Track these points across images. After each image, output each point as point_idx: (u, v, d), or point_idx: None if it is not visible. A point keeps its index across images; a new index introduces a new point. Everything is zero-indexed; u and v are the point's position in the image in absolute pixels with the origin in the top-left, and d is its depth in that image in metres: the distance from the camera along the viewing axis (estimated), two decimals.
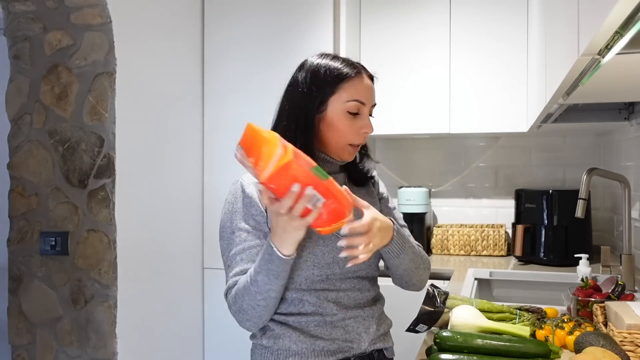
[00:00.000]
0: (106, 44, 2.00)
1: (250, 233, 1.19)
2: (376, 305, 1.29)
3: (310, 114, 1.22)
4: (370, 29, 2.83)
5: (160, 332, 2.28)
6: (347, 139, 1.24)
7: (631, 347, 1.21)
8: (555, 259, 2.52)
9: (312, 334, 1.19)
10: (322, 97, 1.22)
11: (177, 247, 2.43)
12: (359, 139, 1.25)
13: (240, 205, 1.21)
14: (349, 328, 1.21)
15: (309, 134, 1.22)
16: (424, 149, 3.14)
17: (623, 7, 0.76)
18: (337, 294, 1.21)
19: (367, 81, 1.26)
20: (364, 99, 1.23)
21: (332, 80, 1.22)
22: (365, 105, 1.24)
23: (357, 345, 1.22)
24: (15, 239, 2.08)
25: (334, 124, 1.23)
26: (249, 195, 1.21)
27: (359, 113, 1.23)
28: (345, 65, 1.24)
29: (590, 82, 1.26)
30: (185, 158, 2.52)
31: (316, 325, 1.19)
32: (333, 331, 1.20)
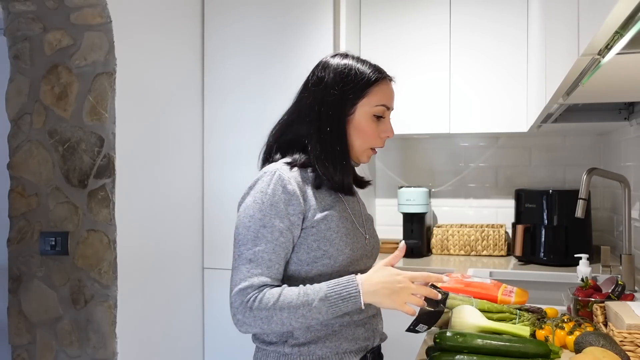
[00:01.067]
0: (106, 44, 2.00)
1: (283, 233, 1.15)
2: None
3: (342, 117, 1.23)
4: (370, 28, 2.83)
5: (160, 332, 2.28)
6: (370, 142, 1.26)
7: (631, 347, 1.21)
8: (555, 259, 2.52)
9: (337, 337, 1.19)
10: (353, 101, 1.23)
11: (177, 247, 2.43)
12: (380, 143, 1.27)
13: (278, 199, 1.15)
14: (367, 326, 1.24)
15: (343, 139, 1.23)
16: (424, 149, 3.14)
17: (623, 7, 0.76)
18: None
19: (391, 85, 1.28)
20: (389, 104, 1.26)
21: (363, 84, 1.23)
22: (389, 110, 1.27)
23: (371, 342, 1.25)
24: (15, 239, 2.08)
25: (360, 127, 1.23)
26: (290, 192, 1.16)
27: (383, 117, 1.26)
28: (373, 69, 1.25)
29: (590, 82, 1.26)
30: (185, 158, 2.52)
31: (341, 326, 1.19)
32: (356, 330, 1.21)
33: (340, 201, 1.25)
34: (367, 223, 1.32)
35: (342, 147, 1.22)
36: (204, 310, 2.65)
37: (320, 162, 1.21)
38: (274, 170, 1.18)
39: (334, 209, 1.21)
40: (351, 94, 1.22)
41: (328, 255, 1.17)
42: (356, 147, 1.25)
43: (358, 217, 1.28)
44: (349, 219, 1.24)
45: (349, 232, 1.21)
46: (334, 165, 1.21)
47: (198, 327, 2.61)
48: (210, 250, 2.65)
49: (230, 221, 2.61)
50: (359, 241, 1.24)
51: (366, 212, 1.36)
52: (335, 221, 1.19)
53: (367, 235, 1.29)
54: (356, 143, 1.25)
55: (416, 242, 2.81)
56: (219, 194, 2.63)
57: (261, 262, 1.13)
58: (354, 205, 1.30)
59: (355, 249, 1.22)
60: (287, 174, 1.18)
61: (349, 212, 1.25)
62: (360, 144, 1.25)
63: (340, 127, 1.22)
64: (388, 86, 1.26)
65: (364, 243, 1.26)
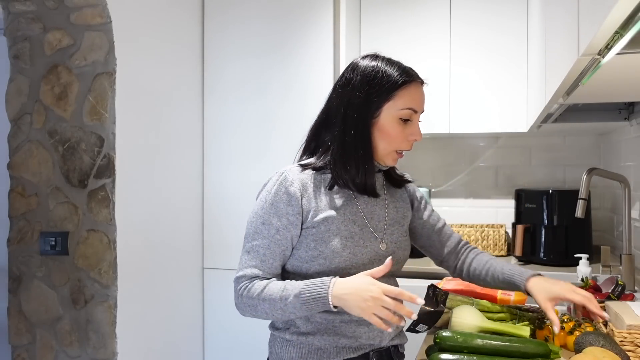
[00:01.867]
0: (106, 44, 2.00)
1: (279, 231, 1.20)
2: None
3: (367, 120, 1.22)
4: (370, 29, 2.83)
5: (160, 332, 2.28)
6: (396, 145, 1.25)
7: (631, 347, 1.21)
8: (555, 259, 2.52)
9: (336, 332, 1.21)
10: (378, 103, 1.22)
11: (177, 247, 2.43)
12: (407, 146, 1.26)
13: (279, 200, 1.20)
14: (372, 326, 1.23)
15: (367, 142, 1.23)
16: (424, 149, 3.14)
17: (623, 7, 0.76)
18: None
19: (420, 88, 1.26)
20: (417, 107, 1.24)
21: (389, 86, 1.21)
22: (417, 113, 1.25)
23: (377, 342, 1.25)
24: (15, 239, 2.08)
25: (385, 130, 1.23)
26: (291, 193, 1.20)
27: (410, 120, 1.24)
28: (401, 72, 1.23)
29: (590, 82, 1.26)
30: (185, 158, 2.52)
31: (341, 322, 1.21)
32: (358, 329, 1.22)
33: (352, 204, 1.25)
34: (392, 228, 1.30)
35: (365, 149, 1.22)
36: (204, 310, 2.65)
37: (341, 164, 1.22)
38: (283, 171, 1.24)
39: (340, 212, 1.21)
40: (376, 97, 1.21)
41: (323, 255, 1.19)
42: (380, 150, 1.25)
43: (376, 221, 1.27)
44: (359, 222, 1.24)
45: (352, 235, 1.21)
46: (356, 168, 1.22)
47: (198, 327, 2.61)
48: (210, 250, 2.65)
49: (230, 221, 2.62)
50: (367, 245, 1.23)
51: (398, 216, 1.34)
52: (337, 224, 1.20)
53: (385, 240, 1.27)
54: (381, 146, 1.24)
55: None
56: (219, 194, 2.63)
57: (255, 255, 1.21)
58: (373, 208, 1.28)
59: (359, 252, 1.21)
60: (293, 176, 1.22)
61: (361, 215, 1.25)
62: (385, 146, 1.24)
63: (364, 129, 1.22)
64: (417, 89, 1.24)
65: (376, 248, 1.25)
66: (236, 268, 1.25)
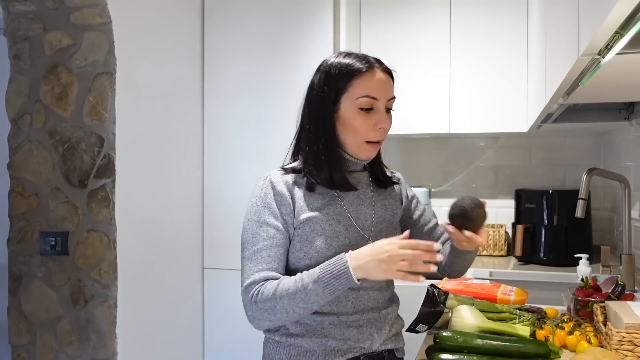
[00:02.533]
0: (106, 44, 2.00)
1: (279, 231, 1.19)
2: (392, 307, 1.30)
3: (327, 114, 1.22)
4: (370, 29, 2.83)
5: (160, 332, 2.28)
6: (363, 136, 1.22)
7: (630, 346, 1.21)
8: (555, 259, 2.52)
9: (325, 334, 1.19)
10: (335, 96, 1.21)
11: (177, 247, 2.43)
12: (375, 135, 1.23)
13: (271, 201, 1.20)
14: (363, 328, 1.21)
15: (328, 136, 1.22)
16: (424, 149, 3.14)
17: (623, 7, 0.76)
18: (357, 292, 1.21)
19: (379, 75, 1.22)
20: (375, 94, 1.21)
21: (343, 77, 1.21)
22: (379, 100, 1.21)
23: (368, 345, 1.22)
24: (15, 239, 2.08)
25: (347, 122, 1.21)
26: (280, 193, 1.20)
27: (372, 108, 1.21)
28: (356, 61, 1.22)
29: (590, 82, 1.26)
30: (185, 158, 2.52)
31: (330, 324, 1.19)
32: (346, 331, 1.20)
33: (335, 204, 1.23)
34: (380, 226, 1.28)
35: (330, 145, 1.22)
36: (203, 310, 2.65)
37: (312, 163, 1.22)
38: (267, 176, 1.24)
39: (323, 212, 1.20)
40: (333, 90, 1.21)
41: (308, 256, 1.19)
42: (349, 143, 1.23)
43: (363, 220, 1.25)
44: (345, 221, 1.22)
45: (337, 235, 1.20)
46: (324, 164, 1.21)
47: (198, 327, 2.61)
48: (210, 250, 2.65)
49: (230, 221, 2.62)
50: (353, 245, 1.20)
51: (387, 214, 1.32)
52: (321, 223, 1.19)
53: (373, 238, 1.24)
54: (348, 139, 1.23)
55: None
56: (219, 194, 2.63)
57: (260, 259, 1.17)
58: (359, 207, 1.26)
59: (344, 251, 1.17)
60: (277, 178, 1.22)
61: (347, 215, 1.23)
62: (352, 139, 1.22)
63: (327, 125, 1.22)
64: (373, 76, 1.21)
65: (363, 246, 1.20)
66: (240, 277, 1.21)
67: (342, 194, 1.25)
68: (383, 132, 1.23)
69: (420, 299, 1.45)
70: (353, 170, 1.29)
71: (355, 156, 1.25)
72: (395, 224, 1.34)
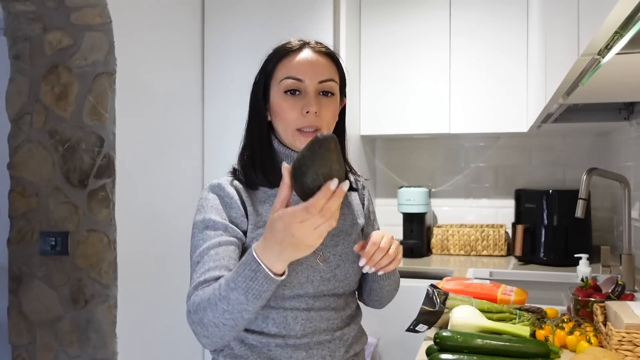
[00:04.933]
0: (106, 44, 2.00)
1: (227, 228, 1.05)
2: (350, 326, 1.15)
3: (261, 107, 1.13)
4: (370, 28, 2.83)
5: (160, 332, 2.28)
6: (291, 123, 1.09)
7: (630, 346, 1.21)
8: (555, 259, 2.52)
9: (271, 357, 1.06)
10: (264, 83, 1.13)
11: (177, 247, 2.43)
12: (304, 122, 1.08)
13: (218, 202, 1.08)
14: (312, 351, 1.07)
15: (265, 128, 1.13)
16: (424, 149, 3.14)
17: (623, 7, 0.76)
18: (308, 313, 1.08)
19: (306, 55, 1.11)
20: (300, 75, 1.08)
21: (271, 61, 1.12)
22: (304, 82, 1.09)
23: None
24: (15, 239, 2.08)
25: (276, 109, 1.10)
26: (230, 195, 1.08)
27: (298, 91, 1.09)
28: (283, 45, 1.13)
29: (590, 82, 1.26)
30: (185, 158, 2.52)
31: (277, 346, 1.06)
32: (294, 354, 1.06)
33: None
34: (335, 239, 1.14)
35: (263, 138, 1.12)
36: None
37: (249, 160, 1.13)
38: (215, 181, 1.13)
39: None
40: (262, 76, 1.13)
41: None
42: (282, 134, 1.11)
43: None
44: None
45: None
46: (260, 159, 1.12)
47: None
48: None
49: None
50: (301, 262, 1.06)
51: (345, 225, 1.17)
52: None
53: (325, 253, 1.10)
54: (280, 129, 1.11)
55: (416, 242, 2.82)
56: None
57: (207, 259, 1.02)
58: None
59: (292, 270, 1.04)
60: (226, 183, 1.11)
61: None
62: (283, 128, 1.10)
63: (260, 117, 1.13)
64: (298, 56, 1.10)
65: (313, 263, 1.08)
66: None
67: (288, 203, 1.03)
68: (315, 117, 1.08)
69: (420, 299, 1.45)
70: None
71: (292, 148, 1.12)
72: (354, 237, 1.18)
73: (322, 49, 1.14)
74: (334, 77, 1.13)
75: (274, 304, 1.07)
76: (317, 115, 1.08)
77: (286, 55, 1.11)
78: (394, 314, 2.24)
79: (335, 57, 1.15)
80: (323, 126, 1.10)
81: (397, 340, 2.40)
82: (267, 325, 1.07)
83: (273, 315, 1.07)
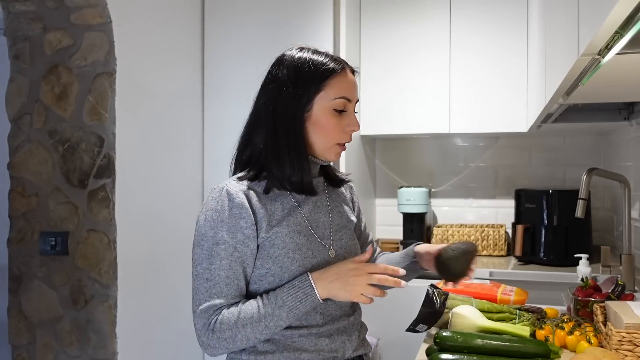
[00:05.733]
0: (106, 44, 2.00)
1: (237, 248, 1.11)
2: (357, 312, 1.26)
3: (298, 114, 1.15)
4: (370, 28, 2.83)
5: (160, 332, 2.28)
6: (334, 138, 1.17)
7: (630, 346, 1.21)
8: (555, 259, 2.52)
9: (296, 347, 1.14)
10: (308, 96, 1.15)
11: (177, 247, 2.43)
12: (346, 137, 1.19)
13: (228, 215, 1.12)
14: (334, 337, 1.17)
15: (301, 137, 1.16)
16: (424, 149, 3.14)
17: (623, 7, 0.76)
18: (325, 303, 1.15)
19: (351, 76, 1.20)
20: (350, 96, 1.18)
21: (318, 77, 1.15)
22: (351, 102, 1.19)
23: (341, 354, 1.18)
24: (15, 239, 2.08)
25: (320, 123, 1.16)
26: (239, 205, 1.12)
27: (345, 110, 1.18)
28: (329, 60, 1.18)
29: (590, 82, 1.26)
30: (185, 158, 2.52)
31: (301, 337, 1.14)
32: (318, 342, 1.15)
33: (295, 214, 1.16)
34: (339, 234, 1.23)
35: (299, 146, 1.15)
36: None
37: (276, 164, 1.15)
38: (223, 186, 1.15)
39: (283, 224, 1.14)
40: (306, 89, 1.15)
41: (271, 273, 1.13)
42: (319, 145, 1.17)
43: (322, 229, 1.20)
44: (305, 232, 1.16)
45: (300, 247, 1.14)
46: (291, 166, 1.15)
47: None
48: None
49: None
50: (316, 256, 1.15)
51: (343, 220, 1.26)
52: (282, 237, 1.13)
53: (334, 247, 1.20)
54: (318, 140, 1.17)
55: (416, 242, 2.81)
56: None
57: (218, 280, 1.10)
58: (317, 216, 1.20)
59: (309, 264, 1.14)
60: (235, 188, 1.14)
61: (306, 225, 1.17)
62: (323, 140, 1.17)
63: (296, 124, 1.15)
64: (347, 77, 1.18)
65: (326, 256, 1.17)
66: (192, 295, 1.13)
67: (301, 202, 1.19)
68: (352, 134, 1.21)
69: (420, 299, 1.45)
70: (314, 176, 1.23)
71: (323, 158, 1.20)
72: (352, 230, 1.28)
73: (353, 68, 1.23)
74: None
75: None
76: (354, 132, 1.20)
77: (336, 75, 1.17)
78: (394, 314, 2.24)
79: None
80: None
81: (397, 340, 2.40)
82: None
83: None
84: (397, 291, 1.38)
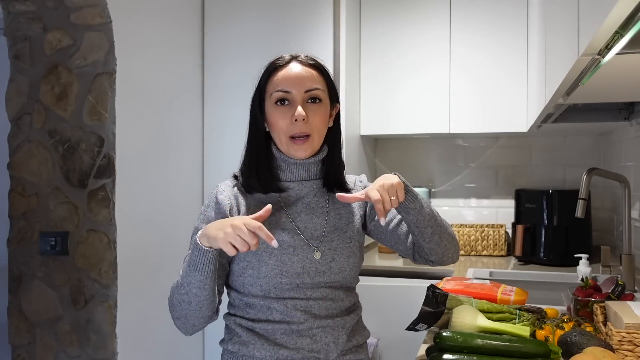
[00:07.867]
0: (106, 44, 2.00)
1: None
2: (350, 316, 1.24)
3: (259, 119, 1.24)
4: (370, 29, 2.83)
5: (160, 332, 2.28)
6: (283, 131, 1.20)
7: (630, 346, 1.21)
8: (555, 259, 2.52)
9: (277, 342, 1.17)
10: (259, 97, 1.24)
11: (178, 247, 2.42)
12: (295, 129, 1.18)
13: (212, 212, 1.22)
14: (316, 337, 1.17)
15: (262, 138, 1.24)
16: (424, 149, 3.14)
17: (623, 7, 0.76)
18: (307, 302, 1.18)
19: (293, 67, 1.21)
20: (287, 87, 1.19)
21: (264, 77, 1.24)
22: (291, 93, 1.19)
23: (324, 356, 1.18)
24: (15, 239, 2.08)
25: (269, 120, 1.22)
26: (220, 202, 1.21)
27: (287, 101, 1.20)
28: (277, 59, 1.24)
29: (590, 82, 1.26)
30: (185, 158, 2.52)
31: (282, 334, 1.17)
32: (299, 340, 1.16)
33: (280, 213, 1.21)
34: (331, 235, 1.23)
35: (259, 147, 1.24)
36: None
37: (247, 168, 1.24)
38: (217, 184, 1.27)
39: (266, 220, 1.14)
40: (257, 91, 1.25)
41: (251, 265, 1.17)
42: (277, 142, 1.23)
43: (313, 230, 1.21)
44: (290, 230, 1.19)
45: (280, 243, 1.16)
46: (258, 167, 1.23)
47: None
48: None
49: None
50: (298, 253, 1.17)
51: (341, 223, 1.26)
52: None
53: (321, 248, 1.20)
54: (275, 137, 1.23)
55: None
56: None
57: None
58: (310, 217, 1.22)
59: (288, 260, 1.16)
60: (225, 187, 1.24)
61: (292, 224, 1.20)
62: (277, 137, 1.22)
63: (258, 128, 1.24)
64: (288, 69, 1.21)
65: (309, 256, 1.18)
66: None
67: (286, 203, 1.23)
68: (303, 124, 1.18)
69: (421, 299, 1.45)
70: (305, 177, 1.25)
71: (288, 155, 1.23)
72: (349, 234, 1.26)
73: (309, 61, 1.24)
74: (320, 85, 1.22)
75: (275, 294, 1.18)
76: (306, 122, 1.18)
77: (275, 70, 1.22)
78: (394, 314, 2.24)
79: (322, 67, 1.25)
80: (313, 132, 1.20)
81: (397, 340, 2.40)
82: (271, 313, 1.18)
83: (274, 305, 1.18)
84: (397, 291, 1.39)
